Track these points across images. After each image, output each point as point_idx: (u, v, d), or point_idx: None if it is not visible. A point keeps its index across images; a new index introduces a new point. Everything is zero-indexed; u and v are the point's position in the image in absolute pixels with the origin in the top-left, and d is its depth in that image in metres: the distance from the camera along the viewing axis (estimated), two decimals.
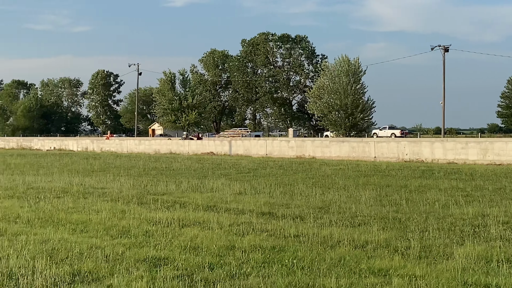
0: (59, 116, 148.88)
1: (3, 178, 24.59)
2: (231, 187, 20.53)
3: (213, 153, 54.95)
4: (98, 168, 32.66)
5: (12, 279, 8.22)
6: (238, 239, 10.92)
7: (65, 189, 19.98)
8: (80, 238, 11.13)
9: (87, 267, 8.80)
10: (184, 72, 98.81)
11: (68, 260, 9.29)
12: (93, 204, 15.93)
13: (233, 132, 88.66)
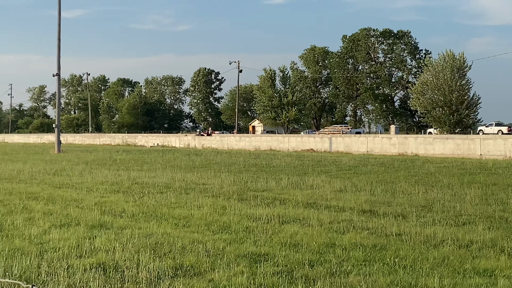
0: (162, 113, 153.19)
1: (109, 174, 25.58)
2: (331, 184, 20.41)
3: (313, 150, 54.83)
4: (199, 164, 33.34)
5: (118, 271, 8.52)
6: (338, 237, 10.84)
7: (168, 185, 20.52)
8: (182, 232, 11.40)
9: (189, 261, 9.00)
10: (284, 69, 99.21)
11: (171, 254, 9.53)
12: (195, 200, 16.27)
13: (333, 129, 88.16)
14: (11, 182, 21.73)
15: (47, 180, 22.74)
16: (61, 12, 56.59)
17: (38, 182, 21.77)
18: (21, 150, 59.46)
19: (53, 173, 26.00)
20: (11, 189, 19.32)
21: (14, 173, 26.22)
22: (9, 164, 32.68)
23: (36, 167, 30.30)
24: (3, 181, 22.32)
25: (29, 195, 17.59)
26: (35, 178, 23.67)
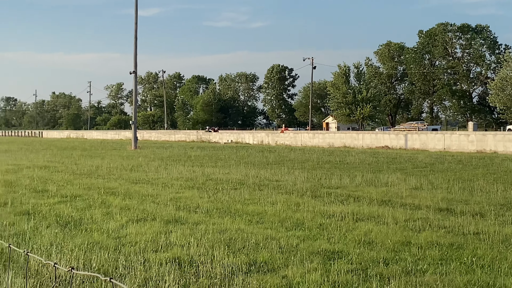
0: (236, 110, 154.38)
1: (184, 170, 25.98)
2: (407, 182, 20.09)
3: (388, 147, 54.06)
4: (273, 161, 33.42)
5: (192, 266, 8.66)
6: (414, 235, 10.67)
7: (241, 181, 20.67)
8: (256, 229, 11.47)
9: (262, 258, 9.05)
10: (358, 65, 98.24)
11: (245, 250, 9.60)
12: (268, 196, 16.32)
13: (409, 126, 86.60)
14: (90, 178, 22.40)
15: (124, 175, 23.31)
16: (138, 11, 57.92)
17: (115, 178, 22.35)
18: (99, 146, 61.20)
19: (130, 169, 26.63)
20: (90, 184, 19.92)
21: (93, 168, 27.01)
22: (88, 160, 33.69)
23: (114, 163, 31.11)
24: (83, 176, 23.04)
25: (107, 190, 18.08)
26: (113, 173, 24.30)
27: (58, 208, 14.32)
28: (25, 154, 42.44)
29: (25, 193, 17.25)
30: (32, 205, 14.83)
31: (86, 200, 15.83)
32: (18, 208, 14.26)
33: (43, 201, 15.60)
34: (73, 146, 61.49)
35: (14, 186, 19.25)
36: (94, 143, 72.61)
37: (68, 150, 49.16)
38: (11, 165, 29.63)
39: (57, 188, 18.50)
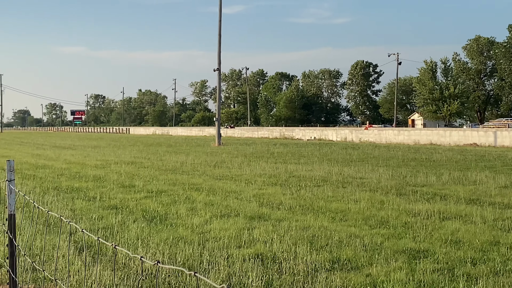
0: (319, 106, 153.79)
1: (267, 166, 26.11)
2: (496, 180, 19.45)
3: (476, 144, 52.51)
4: (356, 158, 33.11)
5: (275, 262, 8.70)
6: (503, 235, 10.33)
7: (324, 178, 20.59)
8: (339, 226, 11.40)
9: (346, 255, 8.99)
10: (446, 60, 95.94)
11: (328, 247, 9.56)
12: (352, 194, 16.19)
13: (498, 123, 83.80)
14: (174, 173, 22.86)
15: (208, 172, 23.66)
16: (222, 9, 58.60)
17: (199, 174, 22.71)
18: (184, 142, 62.36)
19: (213, 165, 27.00)
20: (174, 180, 20.33)
21: (177, 164, 27.56)
22: (173, 156, 34.39)
23: (198, 159, 31.63)
24: (168, 172, 23.54)
25: (191, 186, 18.41)
26: (197, 169, 24.71)
27: (144, 203, 14.70)
28: (113, 150, 43.79)
29: (113, 188, 17.80)
30: (119, 199, 15.29)
31: (171, 195, 16.17)
32: (106, 203, 14.74)
33: (130, 196, 16.06)
34: (159, 142, 62.93)
35: (102, 181, 19.90)
36: (178, 140, 74.03)
37: (153, 147, 50.37)
38: (100, 160, 30.64)
39: (143, 184, 18.99)
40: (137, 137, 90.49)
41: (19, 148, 47.84)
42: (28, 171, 23.85)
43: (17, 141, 70.04)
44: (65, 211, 13.34)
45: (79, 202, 14.76)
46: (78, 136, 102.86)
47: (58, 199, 15.36)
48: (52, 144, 56.47)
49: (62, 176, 21.95)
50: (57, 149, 44.95)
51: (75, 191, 17.15)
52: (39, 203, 14.34)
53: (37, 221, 11.64)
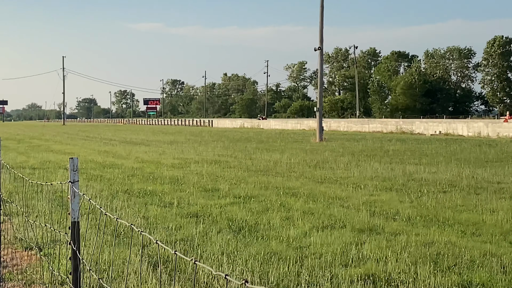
0: (446, 93, 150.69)
1: (380, 167, 25.87)
2: None
3: None
4: (493, 157, 32.28)
5: (391, 285, 8.61)
6: None
7: (452, 182, 20.20)
8: (470, 242, 11.16)
9: (479, 278, 8.79)
10: None
11: (456, 268, 9.39)
12: (487, 202, 15.81)
13: None
14: (267, 175, 23.00)
15: (307, 173, 23.67)
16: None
17: (297, 176, 22.76)
18: (278, 137, 62.64)
19: (314, 165, 27.00)
20: (267, 183, 20.45)
21: (270, 164, 27.72)
22: (265, 154, 34.61)
23: (295, 157, 31.71)
24: (258, 173, 23.72)
25: (286, 190, 18.47)
26: (294, 170, 24.77)
27: (230, 210, 14.87)
28: (193, 146, 44.56)
29: (193, 192, 18.12)
30: (201, 206, 15.54)
31: (262, 201, 16.28)
32: (185, 210, 15.01)
33: (213, 201, 16.29)
34: (248, 137, 63.50)
35: (180, 184, 20.28)
36: (271, 134, 74.46)
37: (241, 142, 50.88)
38: (178, 159, 31.25)
39: (229, 187, 19.22)
40: (222, 131, 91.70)
41: (84, 144, 49.49)
42: (94, 171, 24.63)
43: (81, 135, 72.50)
44: (137, 219, 13.69)
45: (153, 209, 15.10)
46: (152, 129, 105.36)
47: (128, 204, 15.77)
48: (122, 139, 58.10)
49: (134, 177, 22.54)
50: (127, 145, 46.22)
51: (149, 195, 17.56)
52: (106, 209, 14.78)
53: (105, 230, 12.00)
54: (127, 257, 9.93)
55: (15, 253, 10.42)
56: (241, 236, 11.89)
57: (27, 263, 9.88)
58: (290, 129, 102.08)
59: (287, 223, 13.12)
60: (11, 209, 13.75)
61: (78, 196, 5.34)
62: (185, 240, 11.44)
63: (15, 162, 28.55)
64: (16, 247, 10.94)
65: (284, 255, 10.26)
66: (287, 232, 12.09)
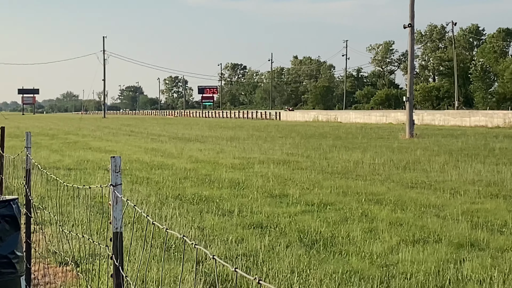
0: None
1: (484, 169, 25.51)
2: None
3: None
4: None
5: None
6: None
7: None
8: None
9: None
10: None
11: None
12: None
13: None
14: (345, 178, 22.91)
15: (394, 176, 23.51)
16: None
17: (382, 179, 22.62)
18: (358, 133, 62.34)
19: (402, 167, 26.79)
20: (345, 187, 20.37)
21: (349, 165, 27.60)
22: (343, 153, 34.49)
23: (380, 157, 31.51)
24: (335, 176, 23.65)
25: (369, 196, 18.38)
26: (378, 173, 24.62)
27: (301, 220, 14.86)
28: (257, 143, 44.65)
29: (257, 198, 18.16)
30: (266, 214, 15.56)
31: (340, 210, 16.23)
32: (247, 219, 15.05)
33: (281, 209, 16.29)
34: (322, 132, 63.38)
35: (242, 188, 20.35)
36: (351, 129, 74.17)
37: (315, 139, 50.81)
38: (238, 158, 31.37)
39: (300, 193, 19.20)
40: (292, 125, 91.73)
41: (128, 140, 50.06)
42: (139, 173, 24.90)
43: (125, 130, 73.35)
44: (191, 230, 13.79)
45: (209, 217, 15.19)
46: (208, 123, 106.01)
47: (180, 212, 15.89)
48: (173, 135, 58.58)
49: (186, 180, 22.71)
50: (179, 142, 46.58)
51: (204, 202, 17.67)
52: (154, 218, 14.92)
53: (152, 242, 12.11)
54: (178, 274, 10.01)
55: (47, 268, 10.60)
56: (315, 251, 11.87)
57: (61, 281, 10.04)
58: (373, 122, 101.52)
59: (371, 236, 13.06)
60: (43, 217, 13.98)
61: (121, 202, 5.39)
62: (248, 256, 11.48)
63: (47, 162, 29.04)
64: (49, 262, 11.12)
65: (367, 274, 10.21)
66: (370, 247, 12.03)
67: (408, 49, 59.55)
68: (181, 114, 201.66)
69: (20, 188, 17.75)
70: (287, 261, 10.96)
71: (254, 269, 10.62)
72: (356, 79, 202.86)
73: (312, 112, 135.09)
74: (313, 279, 9.93)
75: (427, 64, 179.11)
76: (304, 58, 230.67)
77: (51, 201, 16.62)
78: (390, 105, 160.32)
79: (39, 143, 43.52)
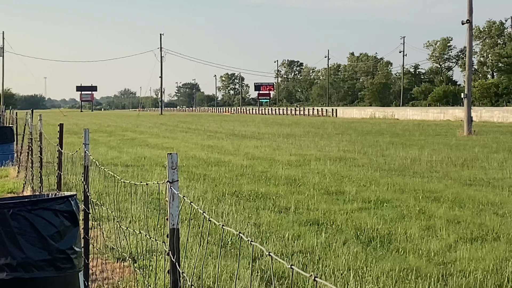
0: None
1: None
2: None
3: None
4: None
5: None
6: None
7: None
8: None
9: None
10: None
11: None
12: None
13: None
14: (402, 176, 22.79)
15: (452, 173, 23.32)
16: None
17: (439, 176, 22.46)
18: (416, 129, 61.93)
19: (460, 164, 26.57)
20: (402, 184, 20.27)
21: (406, 162, 27.45)
22: (400, 150, 34.29)
23: (437, 154, 31.28)
24: (392, 173, 23.53)
25: (427, 194, 18.26)
26: (436, 170, 24.45)
27: (358, 217, 14.82)
28: (314, 140, 44.61)
29: (313, 195, 18.14)
30: (322, 212, 15.54)
31: (397, 207, 16.16)
32: (304, 216, 15.05)
33: (337, 207, 16.27)
34: (379, 129, 63.07)
35: (298, 185, 20.35)
36: (408, 126, 73.68)
37: (371, 136, 50.60)
38: (295, 155, 31.37)
39: (356, 190, 19.15)
40: (348, 122, 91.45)
41: (185, 137, 50.35)
42: (196, 169, 25.02)
43: (181, 126, 73.77)
44: (247, 227, 13.83)
45: (265, 214, 15.21)
46: (264, 120, 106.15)
47: (237, 209, 15.94)
48: (229, 132, 58.78)
49: (243, 176, 22.77)
50: (235, 139, 46.73)
51: (261, 199, 17.70)
52: (211, 215, 14.99)
53: (208, 239, 12.16)
54: (234, 271, 10.03)
55: (105, 264, 10.70)
56: (371, 248, 11.84)
57: (119, 277, 10.13)
58: (431, 119, 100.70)
59: (428, 234, 12.98)
60: (100, 213, 14.11)
61: (178, 199, 5.41)
62: (304, 252, 11.47)
63: (105, 158, 29.34)
64: (107, 258, 11.23)
65: (424, 272, 10.15)
66: (428, 245, 11.95)
67: (466, 45, 58.97)
68: (238, 111, 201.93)
69: (78, 184, 17.94)
70: (344, 258, 10.94)
71: (310, 266, 10.62)
72: (413, 76, 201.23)
73: (369, 109, 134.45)
74: (369, 276, 9.90)
75: (486, 61, 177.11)
76: (361, 54, 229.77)
77: (109, 197, 16.81)
78: (447, 102, 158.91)
79: (97, 140, 44.00)
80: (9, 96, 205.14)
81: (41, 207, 6.48)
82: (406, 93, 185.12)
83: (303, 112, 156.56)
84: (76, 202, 6.79)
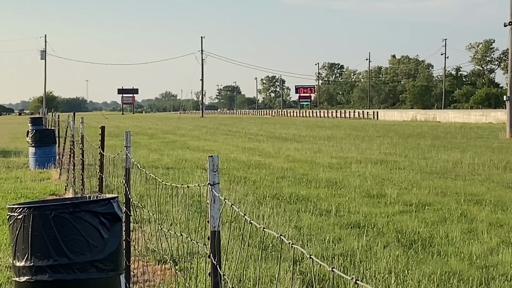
0: None
1: None
2: None
3: None
4: None
5: None
6: None
7: None
8: None
9: None
10: None
11: None
12: None
13: None
14: (444, 178, 22.65)
15: (494, 176, 23.14)
16: None
17: (481, 179, 22.29)
18: (457, 132, 61.52)
19: (503, 167, 26.35)
20: (444, 187, 20.15)
21: (448, 165, 27.27)
22: (442, 153, 34.09)
23: (479, 157, 31.04)
24: (434, 176, 23.40)
25: (469, 197, 18.13)
26: (478, 173, 24.27)
27: (399, 220, 14.76)
28: (355, 143, 44.48)
29: (354, 198, 18.10)
30: (363, 214, 15.50)
31: (439, 210, 16.07)
32: (344, 219, 15.02)
33: (378, 209, 16.21)
34: (421, 132, 62.74)
35: (339, 188, 20.30)
36: (450, 128, 73.25)
37: (413, 138, 50.35)
38: (336, 158, 31.30)
39: (398, 193, 19.07)
40: (389, 125, 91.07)
41: (225, 140, 50.42)
42: (237, 172, 25.05)
43: (222, 129, 73.88)
44: (287, 229, 13.82)
45: (306, 217, 15.20)
46: (305, 122, 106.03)
47: (277, 211, 15.94)
48: (270, 134, 58.78)
49: (284, 179, 22.76)
50: (276, 141, 46.72)
51: (301, 201, 17.69)
52: (251, 217, 15.00)
53: (249, 242, 12.17)
54: (275, 274, 10.03)
55: (146, 266, 10.74)
56: (413, 251, 11.78)
57: (160, 279, 10.17)
58: (473, 122, 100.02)
59: (470, 237, 12.89)
60: (142, 216, 14.18)
61: (219, 201, 5.43)
62: (345, 255, 11.44)
63: (146, 161, 29.48)
64: (148, 260, 11.28)
65: (466, 275, 10.08)
66: (470, 248, 11.87)
67: (509, 47, 58.44)
68: (278, 114, 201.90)
69: (120, 186, 18.04)
70: (385, 261, 10.90)
71: (351, 269, 10.59)
72: (455, 78, 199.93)
73: (410, 112, 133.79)
74: (411, 280, 9.85)
75: None
76: (402, 57, 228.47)
77: (150, 200, 16.89)
78: (490, 105, 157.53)
79: (138, 143, 44.20)
80: (51, 98, 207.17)
81: (82, 210, 6.52)
82: (447, 96, 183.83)
83: (344, 114, 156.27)
84: (118, 204, 6.83)
